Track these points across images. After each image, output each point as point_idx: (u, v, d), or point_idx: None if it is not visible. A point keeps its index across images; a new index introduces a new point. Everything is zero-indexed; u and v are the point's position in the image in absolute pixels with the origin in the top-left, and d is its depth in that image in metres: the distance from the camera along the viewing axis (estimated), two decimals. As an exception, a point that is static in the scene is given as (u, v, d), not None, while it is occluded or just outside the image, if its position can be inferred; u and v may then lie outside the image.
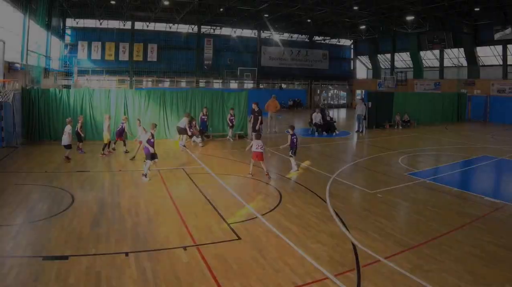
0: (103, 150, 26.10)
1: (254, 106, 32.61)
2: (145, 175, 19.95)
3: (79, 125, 25.78)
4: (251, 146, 21.68)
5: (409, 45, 70.17)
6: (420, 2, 49.28)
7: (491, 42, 58.82)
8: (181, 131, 28.94)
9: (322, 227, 13.93)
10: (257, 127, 30.96)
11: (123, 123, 26.46)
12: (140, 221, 14.32)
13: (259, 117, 31.60)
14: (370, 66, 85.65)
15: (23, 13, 38.06)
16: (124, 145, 26.85)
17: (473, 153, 29.60)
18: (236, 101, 35.20)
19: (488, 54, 61.16)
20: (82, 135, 26.21)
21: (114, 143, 27.15)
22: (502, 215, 15.78)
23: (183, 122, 29.03)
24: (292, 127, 23.39)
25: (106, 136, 25.89)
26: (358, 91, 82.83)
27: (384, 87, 72.58)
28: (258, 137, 22.36)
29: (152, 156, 20.15)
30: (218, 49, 74.73)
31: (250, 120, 33.80)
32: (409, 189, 19.45)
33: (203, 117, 31.87)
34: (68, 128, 24.57)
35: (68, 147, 24.25)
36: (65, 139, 24.32)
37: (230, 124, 32.89)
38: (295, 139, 22.78)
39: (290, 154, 22.94)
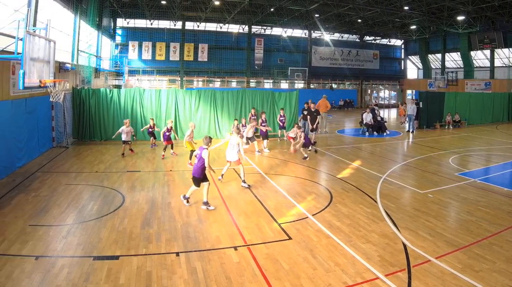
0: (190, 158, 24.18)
1: (312, 106, 32.46)
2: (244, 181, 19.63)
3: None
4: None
5: (460, 45, 69.30)
6: (471, 2, 48.68)
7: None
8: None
9: (373, 227, 13.96)
10: (314, 126, 30.94)
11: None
12: (191, 221, 14.48)
13: (317, 117, 31.53)
14: (420, 66, 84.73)
15: (73, 13, 38.58)
16: (172, 148, 26.74)
17: (524, 153, 29.11)
18: (287, 101, 35.16)
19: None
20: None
21: (164, 150, 25.98)
22: (554, 216, 15.49)
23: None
24: (299, 127, 26.54)
25: (190, 144, 23.67)
26: (409, 91, 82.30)
27: (435, 87, 71.86)
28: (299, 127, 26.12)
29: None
30: (269, 49, 74.56)
31: (300, 120, 33.95)
32: (460, 189, 19.28)
33: (252, 118, 31.73)
34: (128, 129, 25.96)
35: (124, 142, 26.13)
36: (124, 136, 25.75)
37: (281, 124, 32.56)
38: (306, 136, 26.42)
39: (310, 148, 26.18)
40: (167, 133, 25.67)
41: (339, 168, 23.66)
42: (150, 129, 28.36)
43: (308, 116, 31.61)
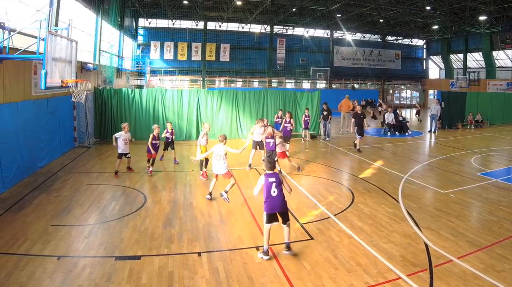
0: (201, 169, 21.13)
1: (358, 108, 30.95)
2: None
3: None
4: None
5: (482, 45, 68.97)
6: (493, 2, 48.51)
7: None
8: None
9: (395, 227, 13.92)
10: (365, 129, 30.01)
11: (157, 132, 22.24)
12: (213, 221, 14.50)
13: (364, 119, 29.61)
14: (442, 66, 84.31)
15: (95, 13, 38.83)
16: (152, 164, 21.75)
17: (546, 153, 28.85)
18: (309, 101, 35.08)
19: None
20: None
21: (148, 162, 21.86)
22: None
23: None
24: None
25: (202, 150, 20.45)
26: (431, 91, 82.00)
27: (456, 87, 71.50)
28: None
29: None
30: (291, 49, 74.87)
31: (320, 120, 33.89)
32: (482, 189, 19.21)
33: (277, 119, 31.43)
34: (127, 136, 21.89)
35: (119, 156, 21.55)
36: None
37: (304, 125, 32.38)
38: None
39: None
40: (154, 142, 21.44)
41: (361, 168, 23.67)
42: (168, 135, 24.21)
43: (353, 119, 30.80)
